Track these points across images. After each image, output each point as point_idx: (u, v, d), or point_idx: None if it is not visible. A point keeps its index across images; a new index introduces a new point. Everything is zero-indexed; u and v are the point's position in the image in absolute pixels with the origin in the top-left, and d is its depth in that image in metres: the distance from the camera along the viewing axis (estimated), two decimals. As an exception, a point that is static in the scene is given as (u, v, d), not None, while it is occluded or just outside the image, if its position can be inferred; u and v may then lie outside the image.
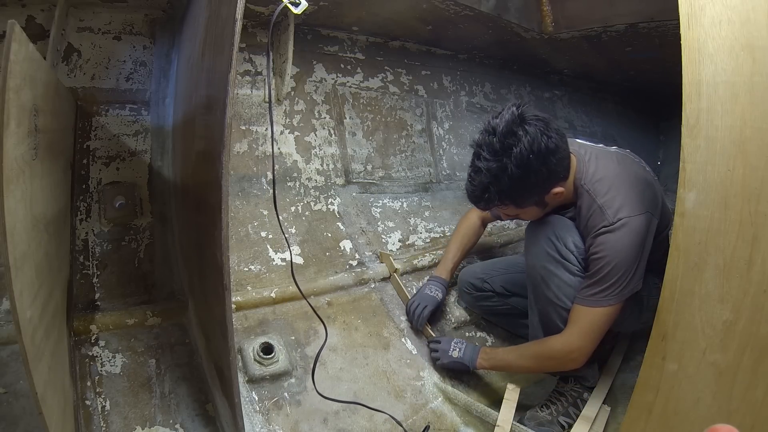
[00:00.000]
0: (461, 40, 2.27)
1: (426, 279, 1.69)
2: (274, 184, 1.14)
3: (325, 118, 1.95)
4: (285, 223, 1.69)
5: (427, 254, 1.84)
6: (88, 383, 1.13)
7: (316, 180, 1.85)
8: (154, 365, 1.22)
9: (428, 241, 1.97)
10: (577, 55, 2.54)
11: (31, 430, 0.99)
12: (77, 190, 1.38)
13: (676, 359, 0.91)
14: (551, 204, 1.28)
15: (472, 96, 2.56)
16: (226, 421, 1.06)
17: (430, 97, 2.34)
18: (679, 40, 0.88)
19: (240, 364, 1.26)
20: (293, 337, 1.40)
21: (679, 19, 0.87)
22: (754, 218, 0.80)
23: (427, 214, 2.08)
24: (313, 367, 1.20)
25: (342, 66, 2.04)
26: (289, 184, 1.78)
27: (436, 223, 2.06)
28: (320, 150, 1.90)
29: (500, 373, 1.53)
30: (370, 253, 1.78)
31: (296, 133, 1.86)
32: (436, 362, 1.47)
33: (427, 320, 1.56)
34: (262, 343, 1.30)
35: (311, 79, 1.94)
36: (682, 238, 0.90)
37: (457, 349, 1.42)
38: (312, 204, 1.80)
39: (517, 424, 1.26)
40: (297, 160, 1.83)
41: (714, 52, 0.84)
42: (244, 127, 1.73)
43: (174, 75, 1.54)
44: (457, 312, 1.69)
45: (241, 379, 1.24)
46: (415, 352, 1.52)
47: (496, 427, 1.25)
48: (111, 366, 1.18)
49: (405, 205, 2.05)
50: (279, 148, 1.81)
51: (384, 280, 1.71)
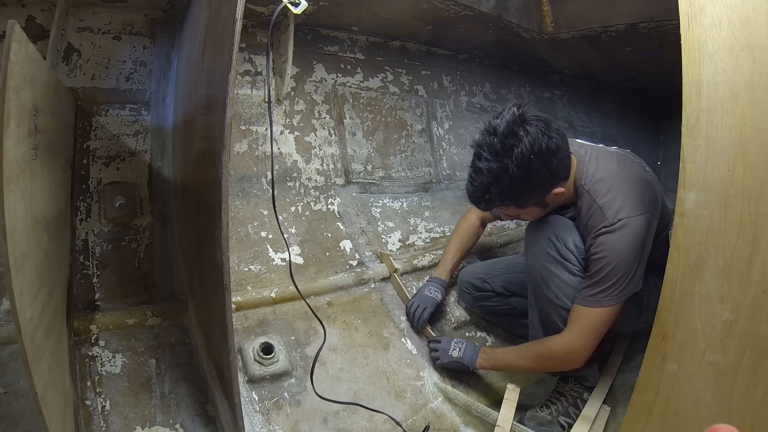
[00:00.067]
0: (461, 40, 2.27)
1: (426, 279, 1.70)
2: (273, 184, 1.14)
3: (325, 118, 1.95)
4: (285, 223, 1.69)
5: (427, 254, 1.84)
6: (88, 383, 1.13)
7: (316, 180, 1.85)
8: (154, 365, 1.22)
9: (428, 241, 1.97)
10: (577, 55, 2.54)
11: (31, 430, 0.99)
12: (77, 190, 1.38)
13: (676, 359, 0.91)
14: (552, 204, 1.28)
15: (472, 96, 2.56)
16: (226, 421, 1.06)
17: (430, 97, 2.34)
18: (679, 40, 0.88)
19: (240, 364, 1.26)
20: (293, 337, 1.40)
21: (679, 19, 0.87)
22: (754, 218, 0.80)
23: (427, 214, 2.08)
24: (312, 368, 1.20)
25: (342, 66, 2.04)
26: (289, 184, 1.78)
27: (436, 223, 2.06)
28: (320, 150, 1.90)
29: (500, 373, 1.53)
30: (370, 253, 1.78)
31: (296, 133, 1.86)
32: (435, 362, 1.47)
33: (427, 321, 1.56)
34: (262, 343, 1.30)
35: (311, 79, 1.94)
36: (682, 238, 0.90)
37: (457, 349, 1.42)
38: (312, 204, 1.80)
39: (517, 424, 1.26)
40: (297, 160, 1.83)
41: (714, 52, 0.84)
42: (244, 127, 1.73)
43: (174, 75, 1.54)
44: (457, 312, 1.69)
45: (241, 379, 1.24)
46: (415, 352, 1.52)
47: (496, 427, 1.26)
48: (111, 366, 1.18)
49: (405, 205, 2.05)
50: (279, 148, 1.81)
51: (384, 280, 1.71)
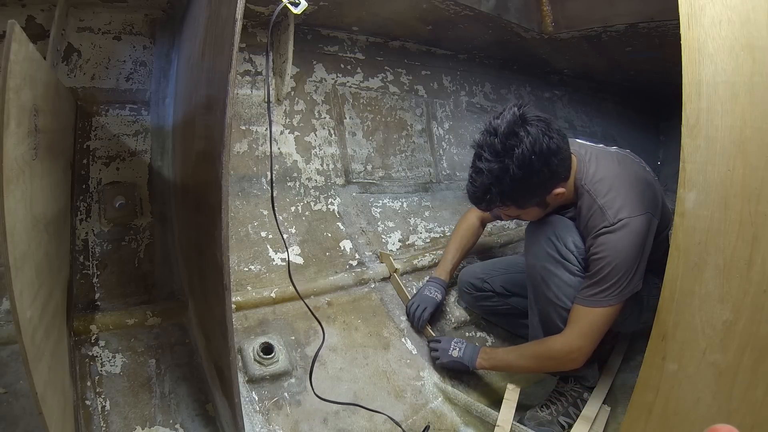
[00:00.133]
0: (461, 40, 2.27)
1: (426, 279, 1.70)
2: (272, 185, 1.14)
3: (325, 118, 1.95)
4: (285, 223, 1.69)
5: (427, 254, 1.84)
6: (88, 383, 1.13)
7: (316, 180, 1.85)
8: (154, 365, 1.22)
9: (428, 241, 1.97)
10: (577, 55, 2.54)
11: (31, 430, 0.99)
12: (77, 190, 1.38)
13: (676, 359, 0.91)
14: (552, 204, 1.28)
15: (472, 96, 2.56)
16: (226, 421, 1.06)
17: (430, 97, 2.34)
18: (679, 40, 0.88)
19: (240, 364, 1.26)
20: (293, 337, 1.40)
21: (679, 19, 0.87)
22: (754, 218, 0.80)
23: (427, 214, 2.08)
24: (311, 369, 1.20)
25: (342, 66, 2.04)
26: (289, 184, 1.78)
27: (436, 223, 2.06)
28: (320, 150, 1.90)
29: (500, 373, 1.53)
30: (370, 253, 1.78)
31: (296, 133, 1.86)
32: (435, 362, 1.47)
33: (427, 321, 1.56)
34: (262, 343, 1.30)
35: (311, 79, 1.94)
36: (682, 238, 0.90)
37: (457, 349, 1.42)
38: (312, 204, 1.80)
39: (517, 424, 1.26)
40: (297, 160, 1.83)
41: (714, 52, 0.84)
42: (244, 127, 1.73)
43: (174, 75, 1.54)
44: (457, 312, 1.69)
45: (241, 379, 1.24)
46: (415, 352, 1.52)
47: (496, 427, 1.25)
48: (111, 366, 1.18)
49: (405, 205, 2.05)
50: (279, 148, 1.81)
51: (384, 280, 1.71)
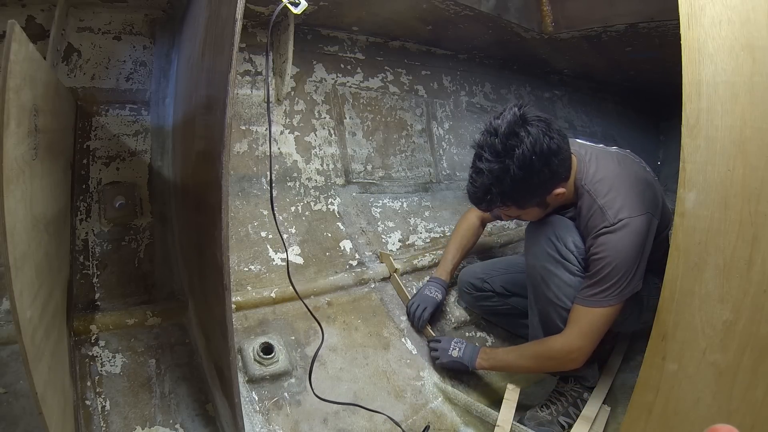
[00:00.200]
0: (461, 40, 2.27)
1: (426, 279, 1.70)
2: (271, 185, 1.15)
3: (325, 118, 1.95)
4: (285, 223, 1.69)
5: (427, 254, 1.84)
6: (88, 383, 1.12)
7: (316, 180, 1.85)
8: (154, 365, 1.22)
9: (428, 241, 1.97)
10: (577, 55, 2.54)
11: (31, 430, 0.99)
12: (77, 190, 1.38)
13: (676, 359, 0.91)
14: (552, 204, 1.28)
15: (472, 96, 2.56)
16: (226, 421, 1.06)
17: (430, 97, 2.34)
18: (679, 40, 0.88)
19: (240, 364, 1.26)
20: (293, 337, 1.40)
21: (679, 19, 0.87)
22: (754, 218, 0.80)
23: (427, 214, 2.08)
24: (310, 369, 1.20)
25: (342, 66, 2.04)
26: (289, 184, 1.78)
27: (436, 223, 2.06)
28: (320, 150, 1.90)
29: (500, 373, 1.53)
30: (370, 253, 1.78)
31: (296, 133, 1.86)
32: (435, 361, 1.47)
33: (428, 321, 1.56)
34: (262, 343, 1.30)
35: (311, 79, 1.94)
36: (682, 238, 0.90)
37: (457, 349, 1.42)
38: (312, 204, 1.80)
39: (517, 424, 1.26)
40: (297, 160, 1.83)
41: (714, 52, 0.84)
42: (244, 127, 1.73)
43: (174, 75, 1.54)
44: (457, 312, 1.69)
45: (241, 379, 1.24)
46: (415, 352, 1.52)
47: (496, 427, 1.25)
48: (111, 366, 1.18)
49: (405, 205, 2.05)
50: (279, 148, 1.81)
51: (384, 280, 1.71)
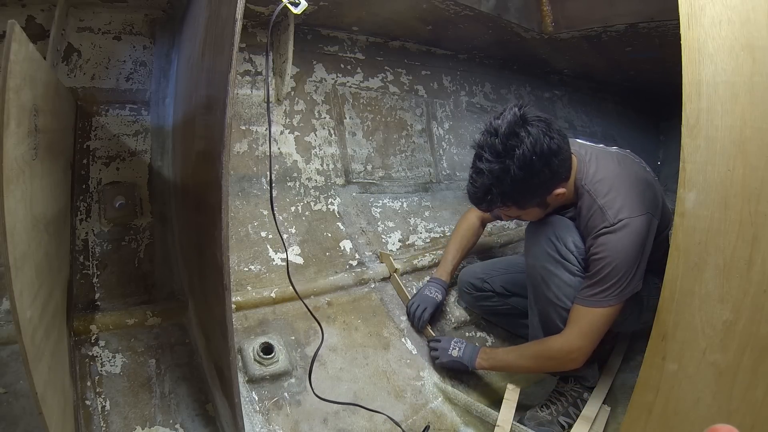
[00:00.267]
0: (461, 40, 2.27)
1: (426, 279, 1.69)
2: (271, 185, 1.14)
3: (325, 118, 1.95)
4: (285, 223, 1.69)
5: (427, 254, 1.84)
6: (88, 383, 1.12)
7: (316, 180, 1.85)
8: (154, 365, 1.22)
9: (428, 241, 1.97)
10: (577, 55, 2.54)
11: (31, 430, 0.99)
12: (77, 190, 1.38)
13: (676, 359, 0.91)
14: (552, 205, 1.28)
15: (472, 96, 2.56)
16: (226, 421, 1.06)
17: (430, 97, 2.34)
18: (679, 40, 0.88)
19: (240, 364, 1.26)
20: (293, 337, 1.40)
21: (679, 19, 0.87)
22: (754, 218, 0.80)
23: (427, 214, 2.08)
24: (310, 369, 1.20)
25: (342, 66, 2.04)
26: (289, 184, 1.78)
27: (436, 223, 2.06)
28: (320, 150, 1.90)
29: (500, 373, 1.53)
30: (370, 253, 1.78)
31: (296, 133, 1.86)
32: (435, 361, 1.47)
33: (428, 321, 1.56)
34: (262, 343, 1.30)
35: (311, 79, 1.94)
36: (682, 238, 0.90)
37: (457, 349, 1.42)
38: (312, 204, 1.80)
39: (517, 424, 1.26)
40: (297, 160, 1.83)
41: (714, 52, 0.84)
42: (244, 127, 1.73)
43: (174, 75, 1.54)
44: (457, 312, 1.69)
45: (241, 379, 1.24)
46: (415, 352, 1.52)
47: (496, 427, 1.25)
48: (111, 366, 1.18)
49: (405, 205, 2.04)
50: (279, 148, 1.81)
51: (384, 280, 1.71)
